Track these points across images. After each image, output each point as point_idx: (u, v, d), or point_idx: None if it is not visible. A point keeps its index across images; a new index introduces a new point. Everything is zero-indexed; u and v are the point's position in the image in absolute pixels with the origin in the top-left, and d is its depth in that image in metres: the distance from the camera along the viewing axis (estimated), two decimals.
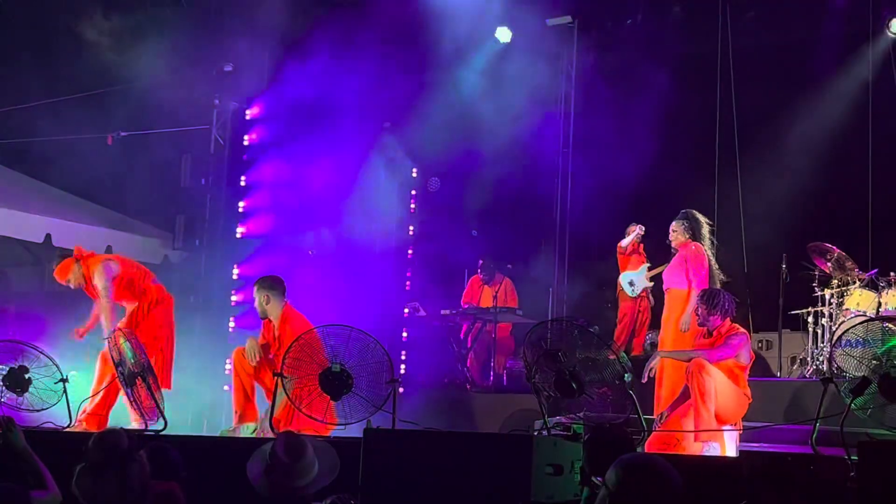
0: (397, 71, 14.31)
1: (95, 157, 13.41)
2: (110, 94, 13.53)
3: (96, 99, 13.46)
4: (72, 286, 9.76)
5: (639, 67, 13.95)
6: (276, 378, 7.43)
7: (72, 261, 9.74)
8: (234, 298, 13.84)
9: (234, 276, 13.95)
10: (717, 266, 10.03)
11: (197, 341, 13.27)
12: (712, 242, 10.20)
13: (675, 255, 10.09)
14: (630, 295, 13.05)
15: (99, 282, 9.57)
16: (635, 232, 12.87)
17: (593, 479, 5.60)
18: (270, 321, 9.13)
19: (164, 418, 7.99)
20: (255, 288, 9.27)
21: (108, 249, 13.58)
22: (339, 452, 5.48)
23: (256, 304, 9.23)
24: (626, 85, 13.82)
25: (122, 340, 8.02)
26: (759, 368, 11.94)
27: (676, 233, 9.95)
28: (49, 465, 5.50)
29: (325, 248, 14.13)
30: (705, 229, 10.03)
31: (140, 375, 7.98)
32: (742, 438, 8.40)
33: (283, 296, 9.18)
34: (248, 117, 14.41)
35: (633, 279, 13.03)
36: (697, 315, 8.70)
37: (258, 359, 8.88)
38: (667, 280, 10.04)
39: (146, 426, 7.99)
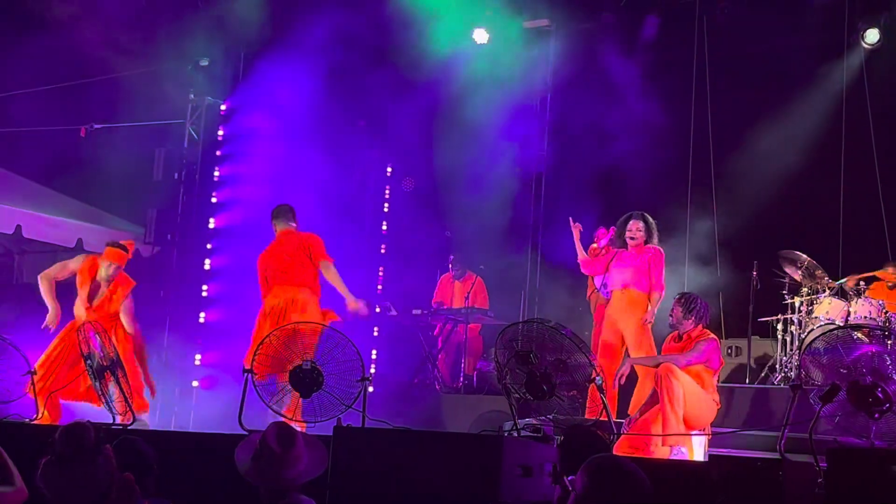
0: (373, 70, 14.29)
1: (68, 149, 13.33)
2: (84, 85, 13.44)
3: (70, 90, 13.37)
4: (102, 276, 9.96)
5: (615, 72, 13.98)
6: (245, 374, 7.39)
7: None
8: (205, 293, 13.76)
9: (206, 268, 13.83)
10: None
11: (167, 336, 13.24)
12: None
13: (619, 251, 10.12)
14: (605, 298, 13.10)
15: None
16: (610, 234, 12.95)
17: (564, 479, 5.61)
18: None
19: (133, 412, 7.96)
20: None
21: (79, 243, 13.52)
22: None
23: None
24: (602, 89, 13.84)
25: (91, 333, 7.97)
26: (728, 375, 12.02)
27: (641, 232, 9.99)
28: (14, 457, 5.45)
29: None
30: (656, 234, 10.11)
31: (109, 369, 7.93)
32: (710, 444, 8.42)
33: None
34: (222, 111, 14.31)
35: (607, 282, 13.04)
36: (671, 317, 8.73)
37: None
38: (623, 280, 10.02)
39: (113, 419, 7.94)
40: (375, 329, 14.94)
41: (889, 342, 6.43)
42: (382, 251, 15.75)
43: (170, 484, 5.74)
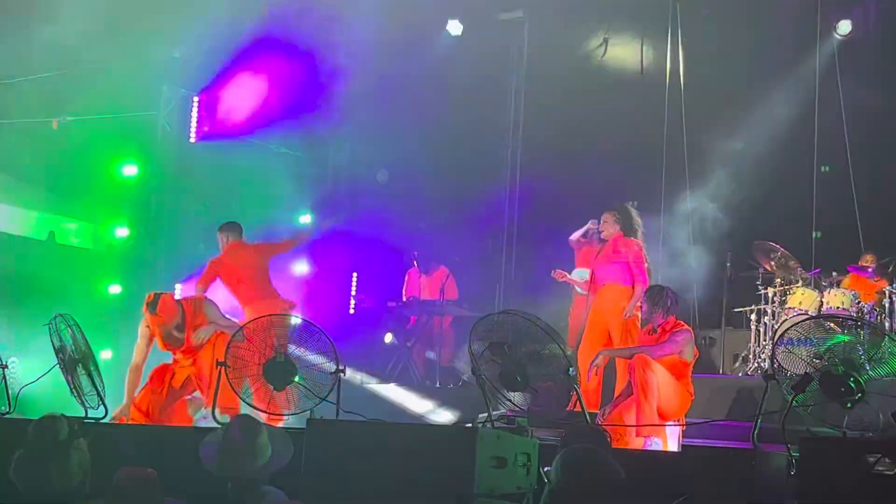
0: (346, 62, 14.25)
1: (39, 141, 13.21)
2: (56, 77, 13.33)
3: (41, 82, 13.25)
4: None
5: (588, 64, 13.99)
6: (218, 367, 7.37)
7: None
8: (178, 287, 13.66)
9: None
10: (649, 263, 10.18)
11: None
12: (644, 239, 10.29)
13: (602, 246, 10.12)
14: (580, 292, 13.14)
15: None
16: (585, 226, 12.97)
17: (540, 470, 5.62)
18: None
19: (105, 405, 7.90)
20: None
21: (51, 235, 13.44)
22: None
23: None
24: (575, 81, 13.85)
25: (62, 326, 7.91)
26: (702, 365, 12.04)
27: (607, 223, 10.03)
28: None
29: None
30: (637, 225, 10.09)
31: (81, 362, 7.88)
32: (685, 434, 8.44)
33: None
34: (195, 102, 14.16)
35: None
36: (641, 312, 8.75)
37: None
38: (602, 275, 10.02)
39: (86, 413, 7.88)
40: (350, 321, 14.92)
41: (861, 332, 6.47)
42: (357, 243, 15.69)
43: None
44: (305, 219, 15.08)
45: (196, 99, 14.07)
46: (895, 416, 4.95)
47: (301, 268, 15.09)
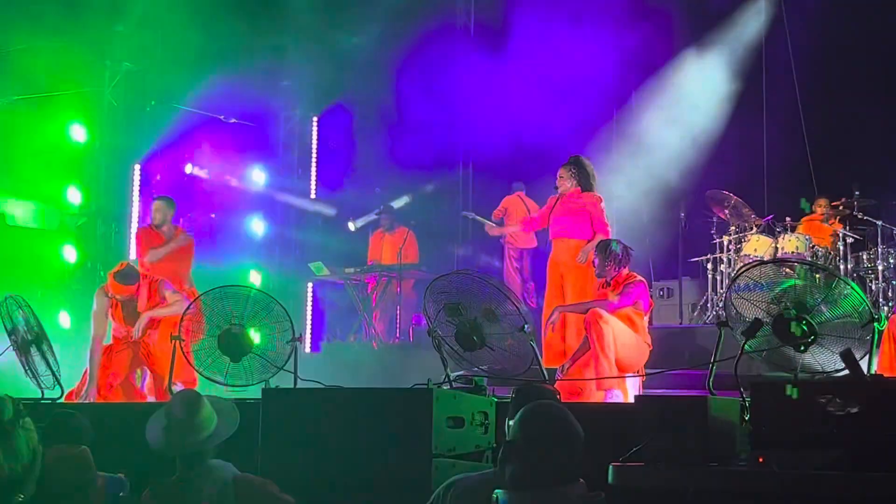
0: (290, 25, 14.18)
1: None
2: None
3: None
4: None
5: (532, 21, 13.96)
6: (173, 341, 7.34)
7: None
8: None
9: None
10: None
11: None
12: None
13: (558, 200, 10.03)
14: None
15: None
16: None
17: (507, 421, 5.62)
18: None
19: (61, 385, 7.85)
20: None
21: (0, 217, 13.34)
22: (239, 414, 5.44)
23: None
24: (520, 36, 13.83)
25: (14, 308, 7.84)
26: (661, 316, 12.11)
27: (563, 178, 9.91)
28: None
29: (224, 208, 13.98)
30: (593, 178, 10.01)
31: (34, 343, 7.82)
32: (644, 385, 8.48)
33: None
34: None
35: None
36: (594, 266, 8.73)
37: None
38: (560, 229, 9.93)
39: (42, 394, 7.83)
40: (309, 289, 14.88)
41: (818, 276, 6.50)
42: (313, 211, 15.63)
43: (105, 456, 5.70)
44: (259, 176, 14.99)
45: None
46: (844, 356, 4.97)
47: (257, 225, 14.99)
